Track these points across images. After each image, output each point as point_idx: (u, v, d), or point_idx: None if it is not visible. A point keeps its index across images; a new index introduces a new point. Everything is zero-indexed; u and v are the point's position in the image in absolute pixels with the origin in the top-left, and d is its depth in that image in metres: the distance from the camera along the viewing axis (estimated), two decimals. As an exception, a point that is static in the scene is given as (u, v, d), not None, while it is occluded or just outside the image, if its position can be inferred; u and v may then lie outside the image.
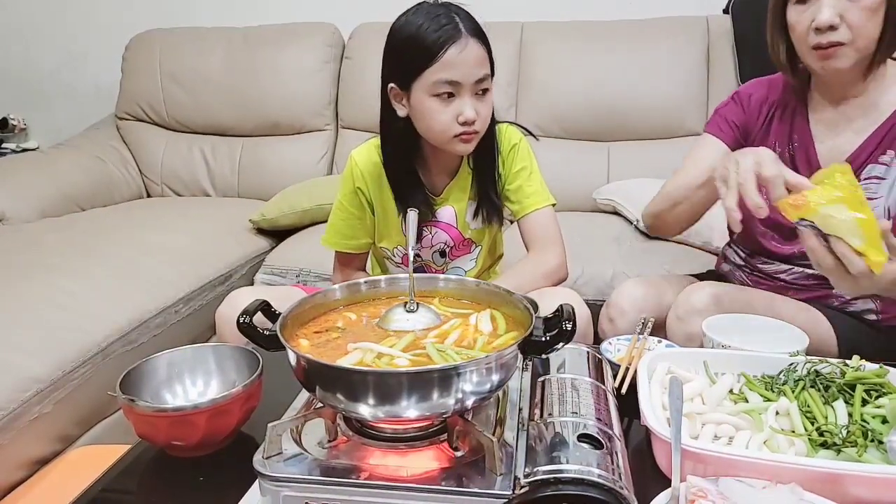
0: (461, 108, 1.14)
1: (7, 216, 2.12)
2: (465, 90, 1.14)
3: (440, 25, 1.13)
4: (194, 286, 1.73)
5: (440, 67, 1.13)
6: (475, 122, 1.16)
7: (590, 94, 2.30)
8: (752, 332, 1.01)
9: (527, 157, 1.32)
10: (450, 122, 1.16)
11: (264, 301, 0.83)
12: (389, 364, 0.74)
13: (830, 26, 1.03)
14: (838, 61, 1.06)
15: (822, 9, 1.03)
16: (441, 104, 1.15)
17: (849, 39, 1.04)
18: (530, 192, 1.30)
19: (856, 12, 1.02)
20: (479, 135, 1.19)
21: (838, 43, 1.04)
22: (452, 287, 0.93)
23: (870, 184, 1.12)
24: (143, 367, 0.92)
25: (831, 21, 1.02)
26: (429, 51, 1.12)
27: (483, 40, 1.16)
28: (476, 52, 1.14)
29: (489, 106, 1.19)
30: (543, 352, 0.75)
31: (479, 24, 1.17)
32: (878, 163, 1.11)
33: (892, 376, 0.86)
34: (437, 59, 1.12)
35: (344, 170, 1.34)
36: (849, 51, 1.05)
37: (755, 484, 0.70)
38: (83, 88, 2.99)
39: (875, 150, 1.12)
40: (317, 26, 2.57)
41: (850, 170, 0.92)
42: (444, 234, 1.33)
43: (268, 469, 0.70)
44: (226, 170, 2.57)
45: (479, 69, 1.15)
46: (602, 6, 2.45)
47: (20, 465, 1.21)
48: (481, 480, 0.68)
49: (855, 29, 1.03)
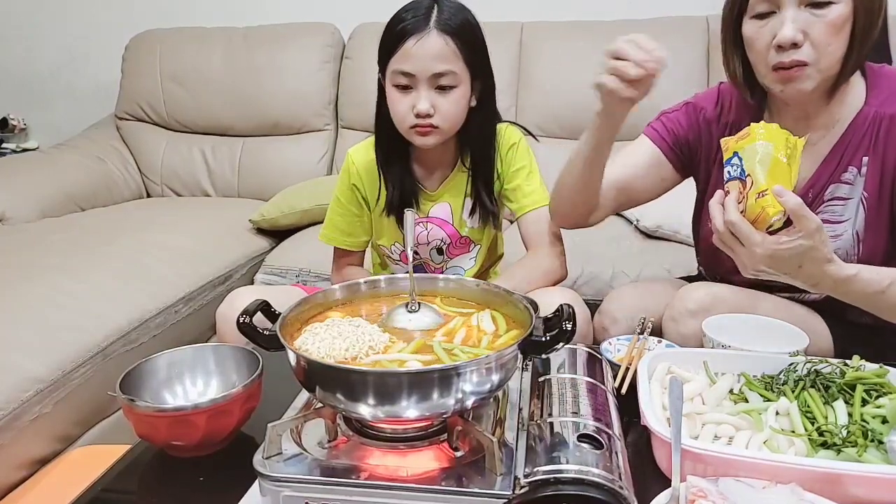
0: (415, 100, 1.15)
1: (7, 216, 2.12)
2: (420, 83, 1.15)
3: (408, 18, 1.14)
4: (194, 286, 1.73)
5: (398, 58, 1.14)
6: (431, 116, 1.16)
7: (590, 94, 2.25)
8: (752, 332, 1.01)
9: (526, 157, 1.31)
10: (405, 113, 1.17)
11: (264, 301, 0.83)
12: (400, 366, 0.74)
13: (793, 44, 0.93)
14: (801, 83, 0.96)
15: (784, 24, 0.93)
16: (400, 94, 1.17)
17: (813, 59, 0.94)
18: (529, 191, 1.30)
19: (820, 28, 0.93)
20: (439, 130, 1.18)
21: (802, 63, 0.94)
22: (452, 287, 0.93)
23: (835, 206, 1.06)
24: (143, 367, 0.92)
25: (794, 38, 0.93)
26: (392, 41, 1.15)
27: (456, 36, 1.14)
28: (436, 45, 1.13)
29: (453, 103, 1.17)
30: (543, 352, 0.75)
31: (465, 21, 1.16)
32: (841, 181, 1.05)
33: (891, 376, 0.86)
34: (397, 49, 1.14)
35: (342, 167, 1.35)
36: (812, 72, 0.95)
37: (755, 484, 0.70)
38: (83, 88, 2.99)
39: (836, 170, 1.05)
40: (317, 26, 2.57)
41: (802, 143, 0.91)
42: (440, 231, 1.33)
43: (268, 469, 0.70)
44: (226, 170, 2.57)
45: (437, 63, 1.14)
46: (602, 6, 2.45)
47: (20, 465, 1.21)
48: (481, 480, 0.68)
49: (819, 47, 0.94)
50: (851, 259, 1.04)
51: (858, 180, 1.04)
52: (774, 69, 0.97)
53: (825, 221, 1.02)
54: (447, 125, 1.19)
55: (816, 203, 1.07)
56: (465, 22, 1.16)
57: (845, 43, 0.95)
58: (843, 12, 0.93)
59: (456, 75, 1.15)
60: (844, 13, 0.93)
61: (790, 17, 0.93)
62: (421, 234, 1.33)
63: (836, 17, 0.93)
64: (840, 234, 1.06)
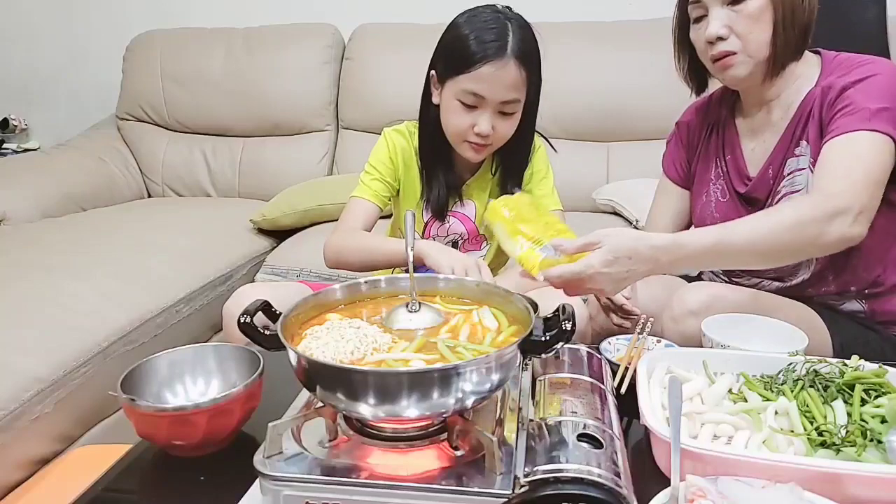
0: (478, 120, 1.18)
1: (8, 216, 2.13)
2: (488, 105, 1.18)
3: (488, 39, 1.15)
4: (195, 286, 1.74)
5: (471, 79, 1.16)
6: (489, 136, 1.19)
7: (590, 95, 2.30)
8: (751, 332, 1.02)
9: (542, 163, 1.36)
10: (465, 129, 1.20)
11: (265, 301, 0.83)
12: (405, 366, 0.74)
13: (719, 37, 1.09)
14: (736, 69, 1.11)
15: (710, 23, 1.09)
16: (463, 109, 1.19)
17: (739, 48, 1.09)
18: (540, 195, 1.34)
19: (741, 21, 1.08)
20: (491, 147, 1.23)
21: (730, 52, 1.10)
22: (452, 287, 0.93)
23: (794, 177, 1.15)
24: (143, 367, 0.92)
25: (718, 33, 1.08)
26: (467, 60, 1.15)
27: (529, 65, 1.17)
28: (512, 75, 1.16)
29: (510, 126, 1.22)
30: (543, 351, 0.75)
31: (535, 47, 1.20)
32: (795, 155, 1.15)
33: (891, 376, 0.87)
34: (472, 70, 1.15)
35: (376, 144, 1.36)
36: (742, 57, 1.10)
37: (754, 483, 0.70)
38: (84, 89, 2.99)
39: (790, 145, 1.15)
40: (317, 27, 2.57)
41: (510, 199, 1.07)
42: (461, 226, 1.37)
43: (268, 468, 0.71)
44: (226, 170, 2.57)
45: (508, 92, 1.17)
46: (602, 6, 2.45)
47: (21, 465, 1.21)
48: (481, 480, 0.68)
49: (743, 37, 1.08)
50: None
51: (807, 149, 1.13)
52: (713, 61, 1.13)
53: (787, 194, 1.15)
54: (499, 143, 1.23)
55: (778, 179, 1.17)
56: (534, 48, 1.20)
57: (768, 28, 1.08)
58: (759, 4, 1.07)
59: (520, 103, 1.20)
60: (760, 4, 1.07)
61: (714, 17, 1.10)
62: (441, 228, 1.37)
63: (753, 10, 1.07)
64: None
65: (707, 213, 1.26)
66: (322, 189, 2.14)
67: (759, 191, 1.19)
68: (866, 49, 1.20)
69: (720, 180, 1.26)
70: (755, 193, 1.19)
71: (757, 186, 1.19)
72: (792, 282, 1.20)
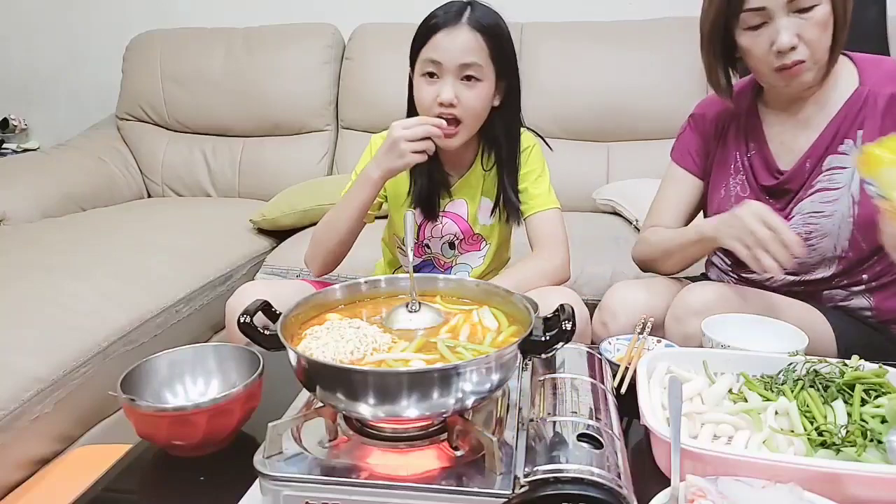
0: (441, 89, 1.18)
1: (8, 216, 2.13)
2: (447, 72, 1.18)
3: (446, 13, 1.19)
4: (195, 286, 1.73)
5: (429, 48, 1.19)
6: (454, 106, 1.18)
7: (590, 94, 2.30)
8: (751, 332, 1.02)
9: (537, 162, 1.34)
10: (430, 103, 1.20)
11: (265, 301, 0.83)
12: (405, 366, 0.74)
13: (791, 47, 1.06)
14: (803, 77, 1.10)
15: (780, 32, 1.06)
16: (425, 83, 1.21)
17: (808, 56, 1.08)
18: (536, 193, 1.32)
19: (810, 29, 1.06)
20: (464, 127, 1.21)
21: (801, 61, 1.08)
22: (452, 287, 0.93)
23: (832, 175, 1.15)
24: (143, 367, 0.92)
25: (791, 43, 1.06)
26: (423, 33, 1.20)
27: (486, 33, 1.18)
28: (466, 39, 1.17)
29: (475, 96, 1.20)
30: (543, 351, 0.75)
31: (496, 23, 1.21)
32: (838, 153, 1.15)
33: (891, 376, 0.87)
34: (429, 40, 1.18)
35: (364, 150, 1.38)
36: (810, 65, 1.09)
37: (754, 483, 0.70)
38: (84, 89, 2.99)
39: (833, 142, 1.15)
40: (317, 27, 2.57)
41: None
42: (454, 226, 1.36)
43: (268, 469, 0.71)
44: (226, 170, 2.57)
45: (464, 55, 1.17)
46: (602, 6, 2.45)
47: (20, 465, 1.21)
48: (481, 480, 0.68)
49: (812, 45, 1.07)
50: (847, 221, 1.14)
51: (854, 151, 1.13)
52: (777, 70, 1.10)
53: (823, 189, 1.16)
54: (469, 118, 1.22)
55: (815, 173, 1.17)
56: (495, 23, 1.21)
57: (830, 35, 1.08)
58: (826, 10, 1.06)
59: (482, 69, 1.19)
60: (827, 11, 1.06)
61: (783, 26, 1.06)
62: (435, 228, 1.36)
63: (821, 17, 1.06)
64: (836, 199, 1.15)
65: (726, 208, 1.24)
66: (322, 189, 2.14)
67: (792, 183, 1.18)
68: (867, 49, 1.21)
69: (740, 175, 1.24)
70: (787, 186, 1.19)
71: (790, 179, 1.18)
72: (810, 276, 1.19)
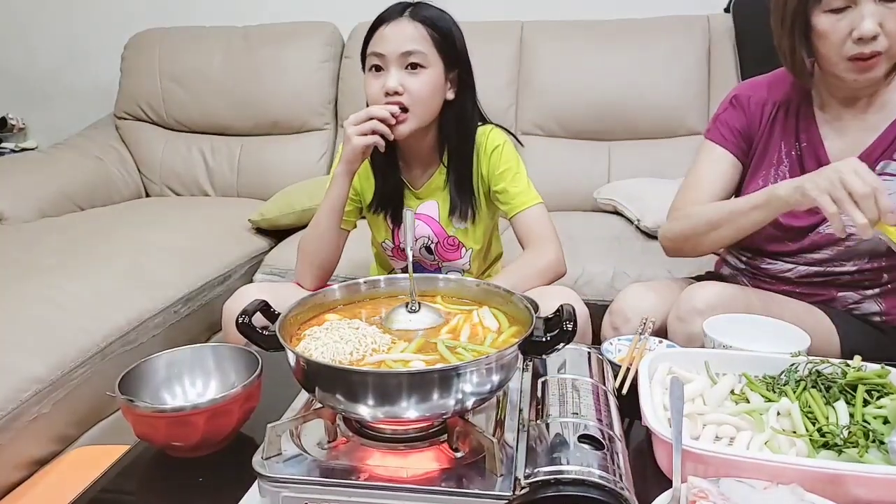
0: (386, 80, 1.19)
1: (6, 216, 2.12)
2: (390, 62, 1.20)
3: (389, 11, 1.21)
4: (193, 286, 1.73)
5: (373, 43, 1.22)
6: (400, 94, 1.19)
7: (590, 94, 2.29)
8: (753, 333, 1.01)
9: (511, 159, 1.31)
10: (378, 94, 1.21)
11: (263, 301, 0.82)
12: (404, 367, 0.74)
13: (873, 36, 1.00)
14: (876, 71, 1.04)
15: (864, 19, 0.99)
16: (372, 77, 1.23)
17: (885, 48, 1.02)
18: (516, 192, 1.30)
19: (891, 18, 1.00)
20: (412, 114, 1.21)
21: (878, 52, 1.02)
22: (452, 287, 0.93)
23: (885, 181, 1.09)
24: (142, 368, 0.92)
25: (875, 31, 0.99)
26: (371, 31, 1.22)
27: (427, 24, 1.20)
28: (407, 29, 1.20)
29: (423, 84, 1.20)
30: (544, 352, 0.75)
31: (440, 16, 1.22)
32: (893, 159, 1.11)
33: (893, 377, 0.86)
34: (373, 35, 1.21)
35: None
36: (884, 59, 1.03)
37: (756, 485, 0.70)
38: (82, 88, 2.98)
39: (890, 146, 1.11)
40: (316, 25, 2.57)
41: None
42: (426, 228, 1.34)
43: (267, 470, 0.70)
44: (225, 169, 2.56)
45: (406, 43, 1.19)
46: (602, 6, 2.45)
47: (19, 466, 1.20)
48: (481, 481, 0.68)
49: (891, 36, 1.01)
50: None
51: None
52: (851, 59, 1.03)
53: None
54: (417, 106, 1.21)
55: None
56: (439, 16, 1.23)
57: None
58: None
59: (425, 56, 1.20)
60: None
61: (868, 12, 0.99)
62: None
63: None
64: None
65: None
66: (321, 188, 2.11)
67: None
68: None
69: (783, 166, 1.19)
70: None
71: None
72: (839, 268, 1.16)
